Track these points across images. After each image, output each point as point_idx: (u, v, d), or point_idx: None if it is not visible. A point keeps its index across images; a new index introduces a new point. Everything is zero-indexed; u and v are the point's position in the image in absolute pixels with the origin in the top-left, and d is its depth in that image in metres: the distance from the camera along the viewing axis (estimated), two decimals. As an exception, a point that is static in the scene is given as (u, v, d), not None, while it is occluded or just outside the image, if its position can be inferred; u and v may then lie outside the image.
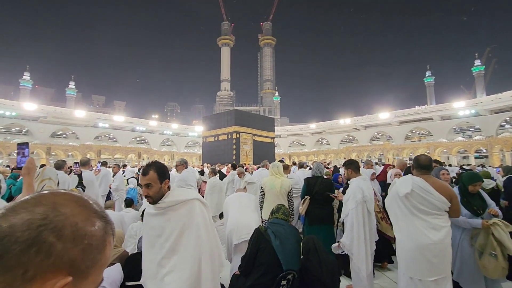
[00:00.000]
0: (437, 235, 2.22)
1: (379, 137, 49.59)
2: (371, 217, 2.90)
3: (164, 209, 1.66)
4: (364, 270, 2.78)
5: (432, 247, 2.21)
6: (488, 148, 34.05)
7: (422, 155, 2.55)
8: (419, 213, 2.30)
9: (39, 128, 39.70)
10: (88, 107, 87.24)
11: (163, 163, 1.80)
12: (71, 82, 71.05)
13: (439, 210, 2.27)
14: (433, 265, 2.21)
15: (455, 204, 2.30)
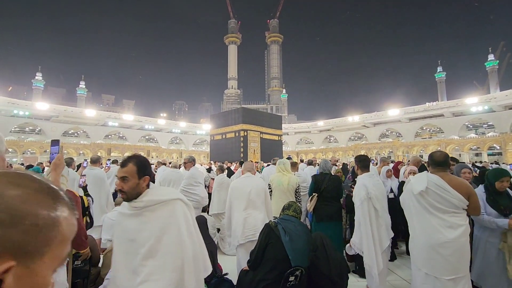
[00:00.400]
0: (454, 233, 2.17)
1: (389, 134, 48.86)
2: (379, 213, 2.84)
3: (140, 209, 1.46)
4: (375, 267, 2.75)
5: (448, 245, 2.17)
6: (501, 145, 33.14)
7: (437, 151, 2.47)
8: (435, 211, 2.26)
9: (51, 127, 40.68)
10: (98, 106, 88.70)
11: (146, 158, 1.65)
12: (82, 82, 72.35)
13: (457, 208, 2.21)
14: (450, 264, 2.17)
15: (473, 202, 2.23)
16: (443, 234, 2.19)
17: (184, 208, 1.54)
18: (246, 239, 3.09)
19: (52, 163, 1.70)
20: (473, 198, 2.24)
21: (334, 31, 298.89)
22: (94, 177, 4.48)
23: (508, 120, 35.66)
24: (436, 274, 2.21)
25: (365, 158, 3.15)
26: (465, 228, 2.20)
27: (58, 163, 1.71)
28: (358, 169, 3.09)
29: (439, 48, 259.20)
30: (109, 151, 39.91)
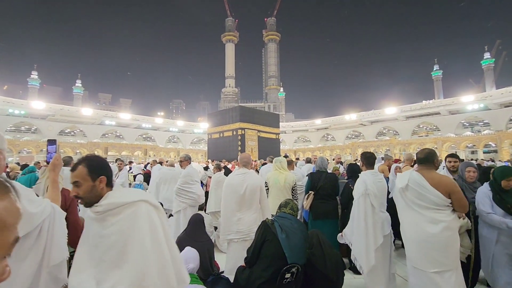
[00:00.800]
0: (435, 228, 2.23)
1: (386, 133, 49.06)
2: (375, 211, 2.86)
3: (102, 214, 1.31)
4: (364, 264, 2.77)
5: (431, 239, 2.23)
6: (497, 142, 33.42)
7: (423, 149, 2.53)
8: (416, 207, 2.33)
9: (48, 126, 40.38)
10: (95, 105, 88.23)
11: (100, 157, 1.49)
12: (78, 81, 71.94)
13: (437, 205, 2.25)
14: (433, 257, 2.23)
15: (456, 200, 2.24)
16: (425, 229, 2.26)
17: (150, 211, 1.34)
18: (240, 238, 3.06)
19: (51, 163, 1.68)
20: (455, 195, 2.24)
21: (331, 29, 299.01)
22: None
23: (503, 118, 35.95)
24: (421, 267, 2.29)
25: (370, 155, 3.14)
26: (447, 224, 2.22)
27: (57, 163, 1.69)
28: (363, 166, 3.11)
29: (436, 46, 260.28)
30: (106, 150, 39.73)
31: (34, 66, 65.77)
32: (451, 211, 2.28)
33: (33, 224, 1.25)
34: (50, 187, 1.61)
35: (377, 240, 2.82)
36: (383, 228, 2.85)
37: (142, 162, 22.90)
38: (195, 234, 2.81)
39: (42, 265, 1.28)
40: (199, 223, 2.92)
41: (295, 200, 3.89)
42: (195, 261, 2.15)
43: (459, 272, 2.28)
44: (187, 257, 2.16)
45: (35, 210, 1.27)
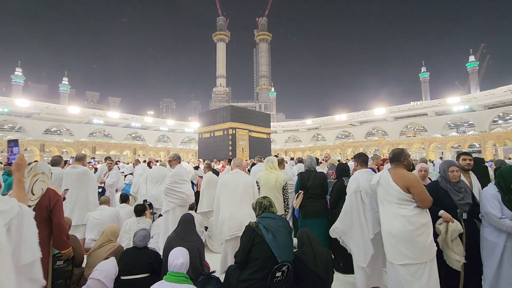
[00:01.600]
0: (397, 222, 2.39)
1: (375, 133, 49.89)
2: (366, 207, 2.93)
3: None
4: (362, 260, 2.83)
5: (395, 233, 2.39)
6: (481, 143, 34.47)
7: (393, 149, 2.74)
8: (385, 202, 2.54)
9: (32, 124, 39.21)
10: (82, 103, 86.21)
11: None
12: (65, 78, 70.12)
13: (401, 200, 2.40)
14: (399, 250, 2.37)
15: (416, 194, 2.36)
16: (391, 224, 2.44)
17: None
18: (232, 235, 3.14)
19: (14, 163, 1.63)
20: (414, 190, 2.37)
21: (322, 31, 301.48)
22: (78, 176, 4.36)
23: (487, 119, 37.15)
24: (390, 259, 2.46)
25: (362, 154, 3.32)
26: (408, 219, 2.33)
27: (21, 163, 1.66)
28: (358, 165, 3.25)
29: (423, 49, 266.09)
30: (93, 149, 38.91)
31: (18, 63, 63.77)
32: (415, 207, 2.37)
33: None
34: (15, 187, 1.57)
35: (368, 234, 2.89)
36: (373, 226, 2.90)
37: (131, 161, 22.52)
38: (185, 234, 2.78)
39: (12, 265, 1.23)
40: (189, 223, 2.89)
41: (286, 199, 3.90)
42: (185, 256, 2.11)
43: (431, 268, 2.33)
44: (176, 253, 2.12)
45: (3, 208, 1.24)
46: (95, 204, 4.52)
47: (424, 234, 2.33)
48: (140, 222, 4.07)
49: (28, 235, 1.37)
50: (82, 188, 4.36)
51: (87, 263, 2.91)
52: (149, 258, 2.65)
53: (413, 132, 45.98)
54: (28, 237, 1.36)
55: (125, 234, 3.89)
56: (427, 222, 2.39)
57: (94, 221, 4.12)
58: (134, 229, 3.89)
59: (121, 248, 2.99)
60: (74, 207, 4.24)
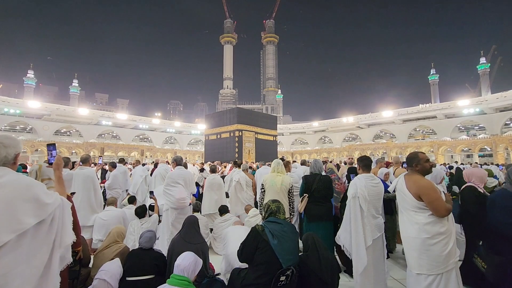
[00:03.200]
0: (412, 230, 2.34)
1: (382, 136, 49.34)
2: (364, 214, 2.85)
3: None
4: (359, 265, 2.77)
5: (410, 241, 2.36)
6: (492, 146, 33.74)
7: (410, 153, 2.62)
8: (402, 209, 2.50)
9: (43, 125, 40.08)
10: (91, 105, 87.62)
11: None
12: (75, 80, 71.52)
13: (414, 207, 2.35)
14: (414, 258, 2.33)
15: (428, 203, 2.28)
16: (406, 230, 2.42)
17: None
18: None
19: (54, 163, 1.95)
20: (426, 198, 2.29)
21: (329, 33, 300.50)
22: (84, 177, 4.42)
23: (499, 122, 36.36)
24: (408, 267, 2.42)
25: (365, 158, 3.18)
26: (422, 227, 2.26)
27: (59, 163, 1.96)
28: (359, 169, 3.15)
29: (432, 51, 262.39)
30: (102, 150, 39.48)
31: (30, 65, 65.34)
32: (429, 215, 2.29)
33: (47, 212, 1.46)
34: (57, 183, 1.90)
35: (366, 241, 2.81)
36: (372, 232, 2.84)
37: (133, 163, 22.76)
38: (189, 236, 2.79)
39: (55, 246, 1.51)
40: (193, 225, 2.90)
41: (292, 202, 3.88)
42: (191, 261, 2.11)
43: (447, 280, 2.23)
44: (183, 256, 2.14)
45: (49, 201, 1.49)
46: (99, 205, 4.58)
47: (440, 243, 2.23)
48: (144, 223, 4.10)
49: (67, 222, 1.62)
50: (87, 190, 4.42)
51: (93, 263, 2.95)
52: (154, 260, 2.67)
53: (422, 135, 45.30)
54: (67, 224, 1.62)
55: (130, 236, 3.93)
56: (445, 232, 2.26)
57: (101, 221, 4.18)
58: (138, 231, 3.92)
59: (127, 249, 3.02)
60: (79, 208, 4.29)
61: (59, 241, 1.54)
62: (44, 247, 1.46)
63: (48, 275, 1.48)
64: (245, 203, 5.57)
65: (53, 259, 1.51)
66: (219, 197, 5.50)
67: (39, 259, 1.43)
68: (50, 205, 1.49)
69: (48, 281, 1.48)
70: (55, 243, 1.52)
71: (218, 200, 5.44)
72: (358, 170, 3.18)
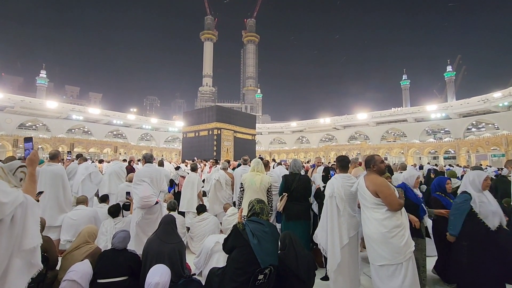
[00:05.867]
0: (371, 226, 2.55)
1: (357, 137, 51.17)
2: (340, 213, 2.89)
3: None
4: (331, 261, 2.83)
5: (371, 236, 2.54)
6: (456, 149, 36.18)
7: (366, 156, 2.94)
8: (363, 207, 2.70)
9: (5, 118, 37.14)
10: (61, 98, 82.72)
11: None
12: (43, 71, 66.89)
13: (373, 204, 2.56)
14: (376, 252, 2.51)
15: (383, 198, 2.51)
16: (368, 227, 2.60)
17: None
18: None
19: (28, 158, 1.79)
20: (382, 194, 2.52)
21: (308, 35, 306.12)
22: (52, 174, 4.16)
23: (462, 126, 39.14)
24: (371, 261, 2.60)
25: (343, 158, 3.24)
26: (380, 222, 2.48)
27: (34, 158, 1.81)
28: (337, 169, 3.23)
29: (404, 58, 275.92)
30: (72, 146, 37.38)
31: (-9, 53, 60.26)
32: (386, 210, 2.51)
33: (5, 212, 1.34)
34: (27, 180, 1.75)
35: (342, 239, 2.88)
36: (348, 230, 2.92)
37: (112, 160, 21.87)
38: (165, 236, 2.72)
39: (14, 250, 1.38)
40: (170, 225, 2.83)
41: (270, 201, 3.91)
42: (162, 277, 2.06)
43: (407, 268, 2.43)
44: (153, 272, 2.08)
45: (6, 199, 1.35)
46: (68, 204, 4.33)
47: (398, 236, 2.45)
48: (118, 223, 3.95)
49: (31, 223, 1.49)
50: (55, 187, 4.16)
51: (61, 265, 2.78)
52: (128, 261, 2.57)
53: (394, 137, 47.58)
54: (31, 225, 1.48)
55: (102, 236, 3.76)
56: (401, 224, 2.49)
57: (70, 221, 3.95)
58: (111, 231, 3.77)
59: (98, 250, 2.88)
60: (46, 207, 4.03)
61: (18, 243, 1.41)
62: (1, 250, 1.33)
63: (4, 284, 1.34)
64: (224, 202, 5.54)
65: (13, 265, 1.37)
66: (191, 196, 5.43)
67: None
68: (7, 204, 1.35)
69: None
70: (15, 246, 1.39)
71: (190, 199, 5.40)
72: (336, 170, 3.27)
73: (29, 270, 1.48)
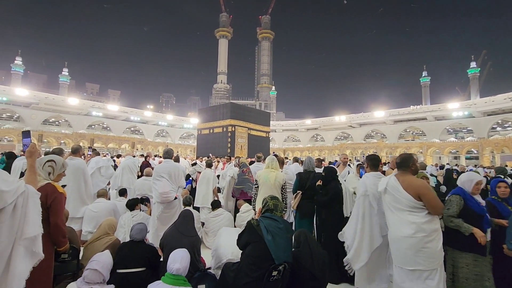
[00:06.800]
0: (407, 229, 2.36)
1: (373, 135, 49.99)
2: (374, 212, 2.90)
3: None
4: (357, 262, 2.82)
5: (405, 240, 2.37)
6: (479, 149, 34.65)
7: (401, 154, 2.66)
8: (393, 209, 2.50)
9: (31, 114, 39.01)
10: (82, 95, 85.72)
11: None
12: (65, 69, 69.69)
13: (410, 207, 2.38)
14: (409, 256, 2.36)
15: (427, 201, 2.34)
16: (400, 230, 2.42)
17: None
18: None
19: (27, 151, 1.84)
20: (425, 197, 2.34)
21: (325, 32, 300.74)
22: (74, 168, 4.33)
23: (486, 126, 37.32)
24: (399, 264, 2.44)
25: (374, 157, 3.24)
26: (417, 226, 2.32)
27: (33, 150, 1.86)
28: (367, 167, 3.20)
29: (425, 54, 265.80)
30: (92, 141, 38.75)
31: (18, 52, 63.34)
32: (426, 213, 2.35)
33: (6, 200, 1.38)
34: (28, 171, 1.81)
35: (373, 240, 2.86)
36: (382, 229, 2.90)
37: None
38: (183, 228, 2.79)
39: (16, 238, 1.42)
40: (188, 219, 2.90)
41: (284, 198, 3.91)
42: (183, 262, 2.11)
43: (440, 273, 2.33)
44: (174, 257, 2.13)
45: (7, 188, 1.39)
46: (89, 197, 4.51)
47: (435, 240, 2.33)
48: (135, 216, 4.07)
49: (32, 212, 1.52)
50: (76, 181, 4.34)
51: (83, 255, 2.91)
52: (146, 252, 2.65)
53: (412, 136, 46.12)
54: (32, 214, 1.51)
55: (120, 229, 3.89)
56: (438, 229, 2.38)
57: (91, 213, 4.12)
58: (129, 223, 3.89)
59: (118, 241, 2.99)
60: (69, 199, 4.21)
61: (20, 232, 1.44)
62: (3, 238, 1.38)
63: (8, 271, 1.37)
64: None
65: (16, 253, 1.41)
66: (206, 192, 5.52)
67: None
68: (8, 193, 1.39)
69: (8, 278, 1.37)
70: (16, 234, 1.43)
71: (206, 194, 5.49)
72: (366, 168, 3.24)
73: (31, 258, 1.51)
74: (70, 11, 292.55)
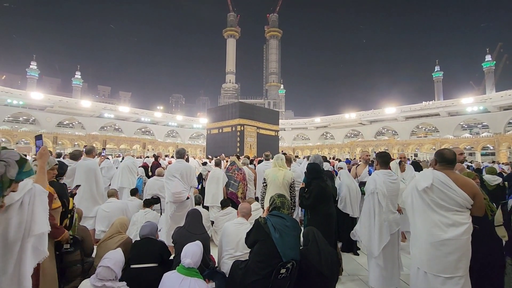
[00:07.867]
0: (455, 231, 2.15)
1: (385, 132, 49.15)
2: (383, 209, 2.88)
3: None
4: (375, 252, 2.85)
5: (449, 243, 2.16)
6: (495, 145, 33.57)
7: (446, 149, 2.42)
8: (437, 208, 2.24)
9: (46, 117, 40.22)
10: (94, 97, 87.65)
11: None
12: (77, 72, 71.32)
13: (460, 207, 2.19)
14: (450, 262, 2.16)
15: (478, 202, 2.19)
16: (445, 232, 2.18)
17: None
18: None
19: (38, 153, 2.03)
20: (478, 197, 2.19)
21: (333, 29, 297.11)
22: (87, 168, 4.46)
23: (502, 120, 36.09)
24: (434, 272, 2.20)
25: (385, 154, 3.16)
26: (468, 227, 2.15)
27: (43, 152, 2.04)
28: (377, 165, 3.14)
29: (437, 48, 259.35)
30: (104, 143, 39.60)
31: (33, 57, 65.41)
32: (470, 214, 2.22)
33: (13, 197, 1.43)
34: (38, 172, 1.91)
35: (382, 237, 2.84)
36: (390, 227, 2.88)
37: (141, 155, 22.84)
38: (192, 227, 2.84)
39: (24, 235, 1.45)
40: (196, 217, 2.94)
41: (293, 197, 3.91)
42: (194, 257, 2.17)
43: (468, 280, 2.20)
44: (186, 251, 2.20)
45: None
46: (101, 197, 4.63)
47: (469, 243, 2.20)
48: (147, 213, 4.16)
49: (39, 210, 1.56)
50: (89, 181, 4.46)
51: (97, 253, 2.99)
52: (159, 249, 2.73)
53: (424, 132, 45.10)
54: (39, 212, 1.55)
55: (133, 227, 3.98)
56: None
57: (104, 213, 4.23)
58: (141, 221, 3.98)
59: (129, 240, 3.06)
60: (82, 198, 4.35)
61: (28, 229, 1.48)
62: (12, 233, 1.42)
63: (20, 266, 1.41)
64: (247, 197, 5.61)
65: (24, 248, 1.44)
66: (216, 191, 5.53)
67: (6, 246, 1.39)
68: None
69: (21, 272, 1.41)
70: (24, 231, 1.46)
71: (215, 193, 5.49)
72: (376, 166, 3.20)
73: (36, 256, 1.54)
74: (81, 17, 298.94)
